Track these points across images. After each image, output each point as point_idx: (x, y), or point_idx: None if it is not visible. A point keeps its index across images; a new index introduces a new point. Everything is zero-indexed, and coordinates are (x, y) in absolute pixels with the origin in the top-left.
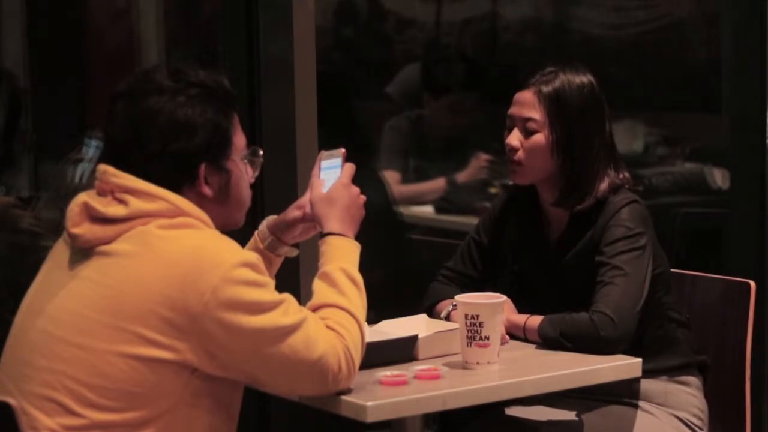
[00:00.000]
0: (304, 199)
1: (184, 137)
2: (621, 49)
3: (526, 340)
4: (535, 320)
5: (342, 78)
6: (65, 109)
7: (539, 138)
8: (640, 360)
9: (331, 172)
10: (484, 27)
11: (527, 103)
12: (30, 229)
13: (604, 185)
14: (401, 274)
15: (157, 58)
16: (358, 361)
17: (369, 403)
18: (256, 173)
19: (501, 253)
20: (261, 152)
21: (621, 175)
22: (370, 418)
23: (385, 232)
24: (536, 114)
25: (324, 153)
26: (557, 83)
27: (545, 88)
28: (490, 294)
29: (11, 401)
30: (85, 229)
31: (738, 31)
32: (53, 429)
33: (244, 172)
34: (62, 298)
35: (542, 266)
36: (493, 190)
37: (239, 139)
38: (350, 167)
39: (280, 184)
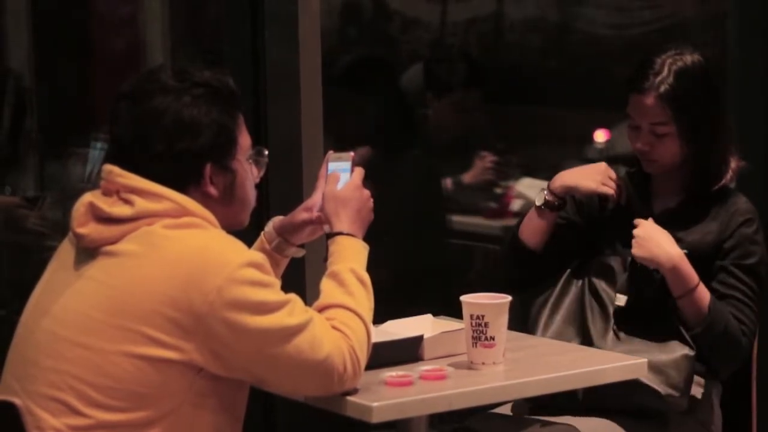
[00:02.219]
0: (312, 201)
1: (189, 137)
2: (625, 49)
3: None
4: (705, 293)
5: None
6: (71, 109)
7: (669, 138)
8: (645, 360)
9: (340, 174)
10: (488, 27)
11: (650, 109)
12: (35, 229)
13: (729, 173)
14: (405, 273)
15: (162, 58)
16: (363, 361)
17: (374, 404)
18: (262, 173)
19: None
20: (266, 152)
21: (736, 163)
22: (376, 418)
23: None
24: (662, 117)
25: (332, 154)
26: (672, 80)
27: (663, 89)
28: (495, 294)
29: (16, 401)
30: (90, 229)
31: (743, 31)
32: (58, 429)
33: (249, 172)
34: (68, 298)
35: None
36: (498, 191)
37: (244, 139)
38: (360, 171)
39: (286, 185)
